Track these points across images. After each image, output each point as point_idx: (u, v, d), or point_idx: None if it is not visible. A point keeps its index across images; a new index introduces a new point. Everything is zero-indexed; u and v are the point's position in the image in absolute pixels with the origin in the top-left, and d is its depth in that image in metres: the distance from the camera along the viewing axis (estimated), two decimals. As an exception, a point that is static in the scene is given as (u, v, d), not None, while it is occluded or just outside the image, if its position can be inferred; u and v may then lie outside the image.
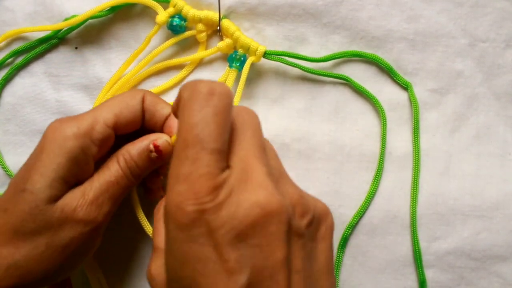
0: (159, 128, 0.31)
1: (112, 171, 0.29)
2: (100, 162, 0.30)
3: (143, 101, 0.30)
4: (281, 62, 0.34)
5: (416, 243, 0.33)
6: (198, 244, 0.20)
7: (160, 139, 0.29)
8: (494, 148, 0.34)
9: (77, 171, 0.28)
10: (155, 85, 0.36)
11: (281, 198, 0.21)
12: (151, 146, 0.29)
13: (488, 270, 0.34)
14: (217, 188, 0.20)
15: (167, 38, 0.35)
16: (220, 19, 0.34)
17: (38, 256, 0.27)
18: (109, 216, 0.29)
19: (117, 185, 0.29)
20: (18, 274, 0.27)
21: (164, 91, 0.36)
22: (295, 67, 0.34)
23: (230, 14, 0.35)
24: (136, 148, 0.29)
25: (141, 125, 0.31)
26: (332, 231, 0.24)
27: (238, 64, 0.34)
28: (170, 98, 0.36)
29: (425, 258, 0.34)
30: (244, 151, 0.22)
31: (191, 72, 0.36)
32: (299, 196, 0.22)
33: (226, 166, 0.22)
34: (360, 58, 0.35)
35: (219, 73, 0.35)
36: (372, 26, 0.34)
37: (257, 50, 0.34)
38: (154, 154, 0.29)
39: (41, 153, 0.28)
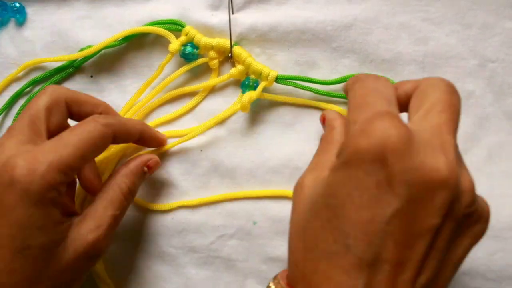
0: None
1: (117, 203, 0.31)
2: None
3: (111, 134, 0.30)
4: (293, 86, 0.35)
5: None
6: (366, 173, 0.21)
7: (152, 160, 0.34)
8: (506, 168, 0.34)
9: (62, 212, 0.28)
10: (168, 112, 0.37)
11: (457, 174, 0.21)
12: (145, 169, 0.33)
13: (504, 291, 0.34)
14: (405, 135, 0.21)
15: (180, 66, 0.36)
16: (231, 46, 0.35)
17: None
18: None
19: (121, 215, 0.31)
20: None
21: (177, 117, 0.37)
22: (307, 90, 0.35)
23: (241, 40, 0.36)
24: (135, 173, 0.32)
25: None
26: (482, 234, 0.24)
27: (252, 90, 0.35)
28: (184, 124, 0.37)
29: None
30: (437, 120, 0.23)
31: (204, 98, 0.37)
32: (473, 186, 0.23)
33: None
34: (370, 81, 0.35)
35: (231, 99, 0.36)
36: (382, 49, 0.35)
37: (269, 75, 0.34)
38: (147, 172, 0.33)
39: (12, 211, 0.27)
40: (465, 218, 0.22)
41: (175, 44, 0.35)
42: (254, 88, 0.35)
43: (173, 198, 0.36)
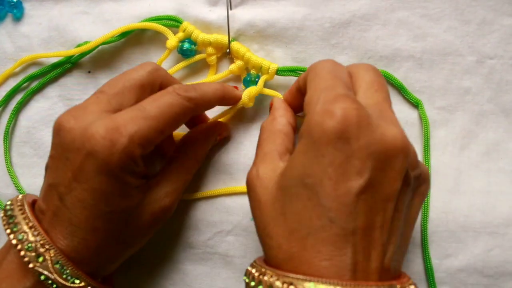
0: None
1: (189, 170, 0.32)
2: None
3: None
4: (294, 76, 0.35)
5: (428, 261, 0.34)
6: (336, 149, 0.23)
7: (224, 128, 0.35)
8: (504, 165, 0.34)
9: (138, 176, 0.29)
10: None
11: (409, 142, 0.24)
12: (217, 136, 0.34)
13: (501, 287, 0.34)
14: (364, 113, 0.24)
15: (178, 62, 0.36)
16: (229, 42, 0.35)
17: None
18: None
19: (191, 177, 0.33)
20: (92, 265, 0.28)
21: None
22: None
23: (239, 36, 0.36)
24: (210, 139, 0.34)
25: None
26: (427, 193, 0.27)
27: (254, 86, 0.35)
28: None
29: (437, 275, 0.34)
30: (377, 98, 0.26)
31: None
32: (415, 151, 0.26)
33: None
34: (368, 77, 0.35)
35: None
36: (380, 45, 0.35)
37: (269, 68, 0.34)
38: (217, 140, 0.35)
39: (96, 176, 0.27)
40: (415, 180, 0.25)
41: (172, 40, 0.35)
42: (256, 83, 0.35)
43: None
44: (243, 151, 0.36)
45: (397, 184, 0.24)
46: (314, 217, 0.23)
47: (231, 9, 0.35)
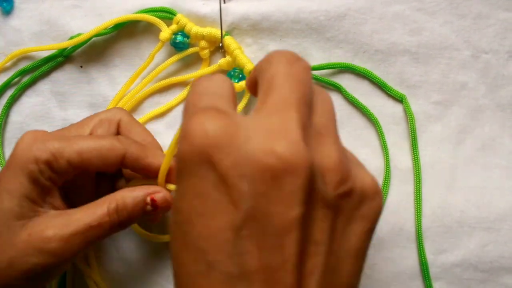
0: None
1: (97, 215, 0.27)
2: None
3: (123, 156, 0.28)
4: None
5: (422, 256, 0.33)
6: (199, 178, 0.18)
7: (159, 193, 0.28)
8: (499, 160, 0.34)
9: (42, 194, 0.28)
10: (158, 102, 0.36)
11: (306, 153, 0.18)
12: (148, 199, 0.28)
13: (496, 282, 0.34)
14: (227, 125, 0.19)
15: (171, 55, 0.36)
16: (222, 36, 0.35)
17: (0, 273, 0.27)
18: (77, 255, 0.28)
19: (98, 229, 0.27)
20: None
21: (170, 109, 0.36)
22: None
23: (233, 30, 0.35)
24: (132, 198, 0.28)
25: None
26: (376, 213, 0.21)
27: (237, 81, 0.34)
28: (176, 115, 0.36)
29: (432, 270, 0.34)
30: (277, 97, 0.19)
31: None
32: (338, 160, 0.19)
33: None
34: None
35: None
36: (375, 39, 0.35)
37: (250, 71, 0.34)
38: (149, 207, 0.28)
39: (7, 170, 0.28)
40: (342, 198, 0.19)
41: (165, 32, 0.35)
42: (240, 79, 0.34)
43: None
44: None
45: (294, 210, 0.18)
46: (191, 260, 0.19)
47: (224, 2, 0.35)
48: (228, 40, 0.35)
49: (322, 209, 0.19)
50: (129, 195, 0.28)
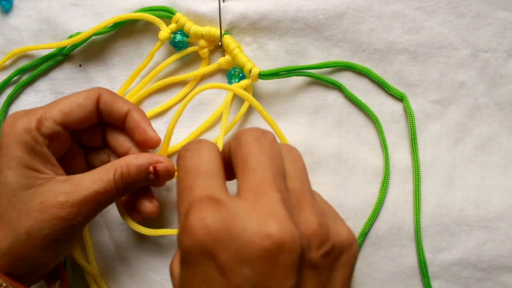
0: (120, 124, 0.32)
1: (104, 181, 0.29)
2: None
3: (98, 101, 0.31)
4: (278, 78, 0.34)
5: (421, 255, 0.33)
6: (204, 266, 0.20)
7: (161, 164, 0.30)
8: (498, 159, 0.34)
9: (42, 162, 0.29)
10: (158, 101, 0.36)
11: (294, 230, 0.20)
12: (151, 169, 0.30)
13: (494, 281, 0.34)
14: (225, 218, 0.21)
15: (170, 54, 0.36)
16: (221, 35, 0.35)
17: (20, 244, 0.28)
18: (90, 219, 0.30)
19: (105, 195, 0.29)
20: (5, 262, 0.28)
21: (169, 108, 0.36)
22: (292, 75, 0.34)
23: (232, 29, 0.35)
24: (137, 165, 0.30)
25: (101, 120, 0.32)
26: (354, 260, 0.24)
27: (237, 80, 0.34)
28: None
29: (430, 269, 0.34)
30: (256, 178, 0.22)
31: (194, 88, 0.36)
32: (318, 225, 0.22)
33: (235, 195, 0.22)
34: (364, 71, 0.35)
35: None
36: (374, 38, 0.35)
37: (251, 71, 0.34)
38: (152, 176, 0.30)
39: (1, 149, 0.29)
40: (325, 257, 0.22)
41: (165, 31, 0.35)
42: (240, 78, 0.34)
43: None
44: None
45: (290, 280, 0.20)
46: None
47: (223, 1, 0.35)
48: (227, 39, 0.35)
49: (309, 269, 0.21)
50: (134, 163, 0.30)
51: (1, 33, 0.37)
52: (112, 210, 0.36)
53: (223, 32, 0.35)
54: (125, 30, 0.36)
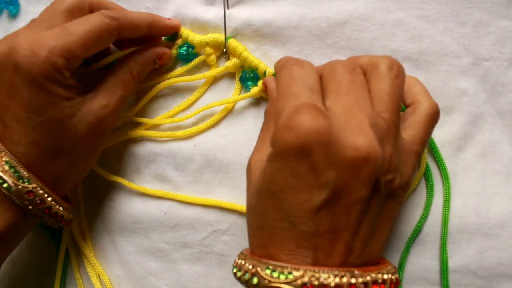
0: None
1: (125, 85, 0.33)
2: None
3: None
4: None
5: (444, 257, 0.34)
6: (297, 162, 0.24)
7: (165, 54, 0.35)
8: (499, 166, 0.35)
9: (75, 91, 0.31)
10: (168, 108, 0.37)
11: (379, 149, 0.24)
12: (157, 60, 0.35)
13: (495, 289, 0.34)
14: (327, 126, 0.23)
15: (179, 66, 0.37)
16: (226, 40, 0.35)
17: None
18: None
19: (127, 95, 0.33)
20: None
21: (177, 114, 0.37)
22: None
23: (235, 36, 0.36)
24: (145, 57, 0.34)
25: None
26: (401, 199, 0.27)
27: (252, 83, 0.35)
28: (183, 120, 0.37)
29: (431, 276, 0.34)
30: (349, 101, 0.25)
31: (203, 94, 0.37)
32: (390, 156, 0.25)
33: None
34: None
35: (226, 92, 0.36)
36: (376, 46, 0.35)
37: (265, 72, 0.34)
38: (157, 65, 0.35)
39: (32, 86, 0.29)
40: (388, 184, 0.25)
41: (172, 49, 0.36)
42: (252, 79, 0.35)
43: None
44: (239, 149, 0.36)
45: (363, 191, 0.24)
46: (278, 219, 0.25)
47: (228, 8, 0.35)
48: (233, 43, 0.35)
49: (377, 192, 0.25)
50: (142, 57, 0.34)
51: (7, 38, 0.38)
52: (112, 215, 0.36)
53: (227, 37, 0.35)
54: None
